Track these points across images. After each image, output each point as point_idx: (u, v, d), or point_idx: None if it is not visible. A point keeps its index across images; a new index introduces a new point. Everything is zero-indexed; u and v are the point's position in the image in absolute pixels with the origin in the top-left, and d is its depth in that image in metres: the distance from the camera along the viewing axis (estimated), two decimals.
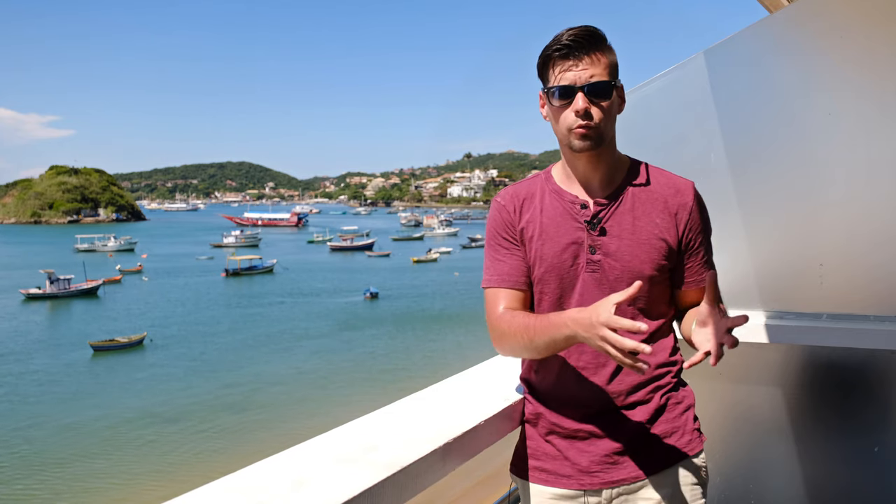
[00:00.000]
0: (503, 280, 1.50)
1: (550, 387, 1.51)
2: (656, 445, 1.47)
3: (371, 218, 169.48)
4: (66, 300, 44.07)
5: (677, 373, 1.54)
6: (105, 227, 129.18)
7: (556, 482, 1.49)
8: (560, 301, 1.47)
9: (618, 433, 1.46)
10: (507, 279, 1.50)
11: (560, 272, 1.45)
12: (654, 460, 1.47)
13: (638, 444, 1.46)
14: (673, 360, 1.52)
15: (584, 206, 1.46)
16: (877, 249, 1.96)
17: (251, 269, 56.54)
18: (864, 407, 1.98)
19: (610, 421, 1.46)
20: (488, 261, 1.54)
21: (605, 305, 1.22)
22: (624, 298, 1.21)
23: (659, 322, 1.49)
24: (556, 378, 1.50)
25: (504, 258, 1.51)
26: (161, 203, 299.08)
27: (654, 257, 1.44)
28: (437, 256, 67.79)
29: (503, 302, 1.48)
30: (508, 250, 1.51)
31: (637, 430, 1.46)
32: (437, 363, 25.42)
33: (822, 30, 2.02)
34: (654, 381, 1.47)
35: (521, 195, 1.53)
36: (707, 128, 2.19)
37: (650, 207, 1.46)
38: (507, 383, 1.72)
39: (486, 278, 1.53)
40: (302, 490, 1.12)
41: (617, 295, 1.22)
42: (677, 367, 1.54)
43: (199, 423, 20.65)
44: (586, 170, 1.46)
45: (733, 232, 2.15)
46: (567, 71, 1.38)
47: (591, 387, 1.46)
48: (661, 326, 1.50)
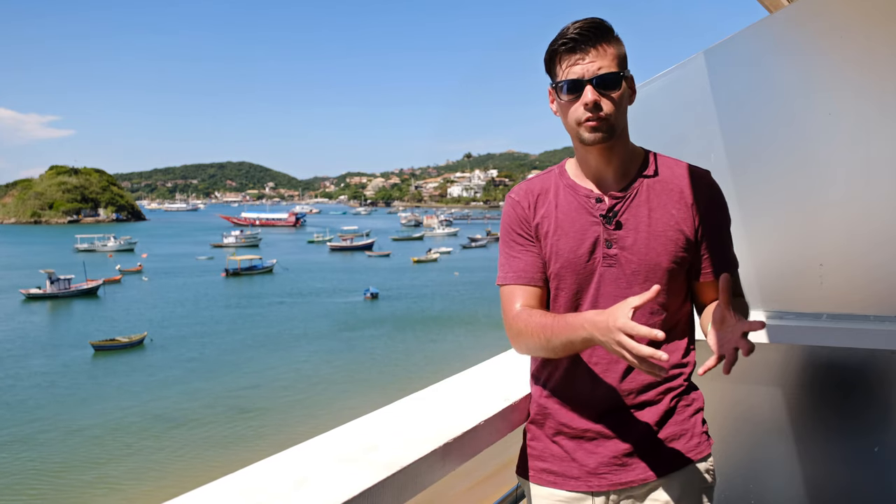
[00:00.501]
0: (519, 277, 1.48)
1: (561, 383, 1.49)
2: (664, 448, 1.46)
3: (371, 218, 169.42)
4: (67, 300, 44.06)
5: (689, 375, 1.52)
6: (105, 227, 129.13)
7: (565, 484, 1.48)
8: (577, 296, 1.45)
9: (626, 434, 1.44)
10: (523, 276, 1.48)
11: (577, 267, 1.44)
12: (662, 463, 1.45)
13: (646, 446, 1.44)
14: (685, 362, 1.50)
15: (600, 200, 1.44)
16: (877, 249, 1.96)
17: (251, 270, 56.57)
18: (864, 407, 1.98)
19: (619, 422, 1.44)
20: (503, 258, 1.52)
21: (623, 309, 1.20)
22: (642, 302, 1.19)
23: (675, 320, 1.47)
24: (568, 374, 1.48)
25: (519, 255, 1.49)
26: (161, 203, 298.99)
27: (671, 249, 1.42)
28: (438, 256, 67.81)
29: (520, 299, 1.47)
30: (523, 246, 1.50)
31: (645, 432, 1.44)
32: (437, 363, 25.40)
33: (822, 30, 2.02)
34: (665, 381, 1.45)
35: (535, 191, 1.51)
36: (707, 128, 2.19)
37: (666, 199, 1.44)
38: (508, 383, 1.72)
39: (501, 275, 1.51)
40: (302, 490, 1.12)
41: (635, 298, 1.20)
42: (689, 368, 1.52)
43: (199, 422, 20.64)
44: (599, 163, 1.45)
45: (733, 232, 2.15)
46: (574, 65, 1.37)
47: (602, 384, 1.45)
48: (676, 324, 1.48)
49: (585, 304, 1.45)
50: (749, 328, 1.20)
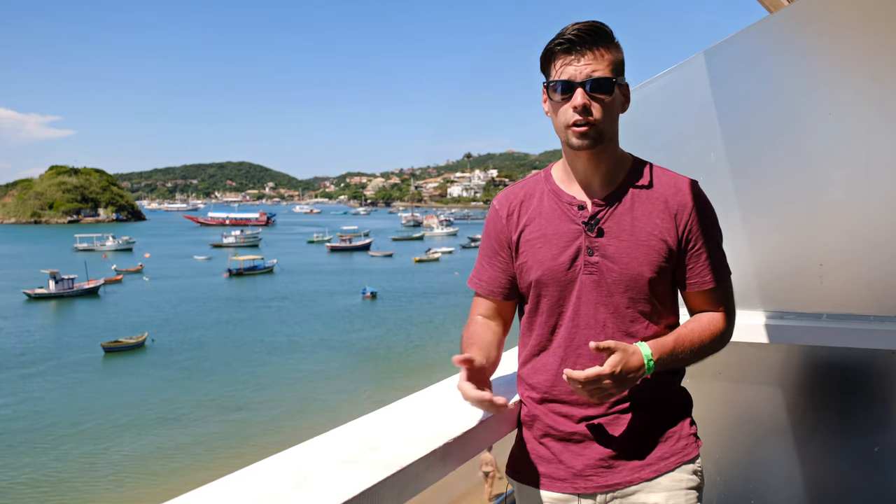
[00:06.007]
0: (481, 286, 1.56)
1: (547, 386, 1.50)
2: (652, 450, 1.45)
3: (371, 218, 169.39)
4: (69, 300, 44.10)
5: (676, 377, 1.52)
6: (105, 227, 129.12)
7: (551, 485, 1.48)
8: (559, 304, 1.46)
9: (613, 437, 1.44)
10: (485, 287, 1.55)
11: (557, 275, 1.44)
12: (649, 465, 1.45)
13: (633, 448, 1.44)
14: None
15: (582, 207, 1.44)
16: (877, 249, 1.96)
17: (253, 270, 56.66)
18: (864, 407, 1.98)
19: (605, 424, 1.44)
20: (477, 261, 1.59)
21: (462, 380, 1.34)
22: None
23: (660, 327, 1.46)
24: (553, 378, 1.48)
25: (487, 266, 1.55)
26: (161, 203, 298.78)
27: (653, 259, 1.41)
28: (439, 256, 67.85)
29: (479, 309, 1.58)
30: (492, 258, 1.54)
31: (632, 435, 1.44)
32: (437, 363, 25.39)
33: (822, 30, 2.02)
34: (651, 385, 1.44)
35: (519, 196, 1.52)
36: (707, 128, 2.19)
37: (650, 208, 1.43)
38: (507, 384, 1.72)
39: (471, 277, 1.60)
40: (302, 490, 1.12)
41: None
42: (678, 373, 1.52)
43: (198, 422, 20.65)
44: (587, 169, 1.44)
45: (733, 232, 2.15)
46: (568, 65, 1.36)
47: None
48: (661, 331, 1.46)
49: (567, 312, 1.45)
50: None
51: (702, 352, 1.45)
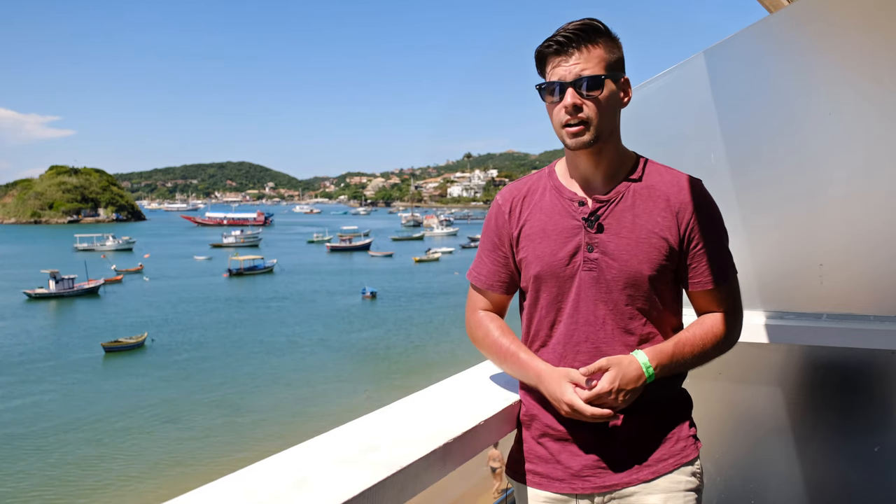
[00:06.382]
0: (481, 280, 1.57)
1: None
2: (650, 451, 1.45)
3: (371, 218, 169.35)
4: (70, 300, 44.08)
5: (677, 379, 1.51)
6: (105, 227, 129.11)
7: (549, 486, 1.48)
8: (557, 300, 1.46)
9: (611, 438, 1.43)
10: (486, 281, 1.56)
11: (556, 270, 1.44)
12: (648, 466, 1.44)
13: (631, 449, 1.44)
14: None
15: (583, 204, 1.44)
16: (877, 249, 1.96)
17: (253, 270, 56.67)
18: (864, 407, 1.98)
19: (604, 425, 1.43)
20: (477, 255, 1.59)
21: (568, 386, 1.36)
22: (586, 374, 1.35)
23: (661, 326, 1.45)
24: None
25: (487, 260, 1.55)
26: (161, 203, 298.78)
27: (653, 256, 1.40)
28: (439, 256, 67.84)
29: (480, 303, 1.59)
30: (493, 252, 1.54)
31: (631, 436, 1.44)
32: (437, 363, 25.39)
33: (822, 30, 2.02)
34: (651, 387, 1.42)
35: (522, 192, 1.53)
36: (707, 128, 2.19)
37: (652, 205, 1.43)
38: (507, 384, 1.72)
39: (470, 270, 1.60)
40: (302, 490, 1.12)
41: (577, 373, 1.37)
42: (679, 374, 1.51)
43: (199, 422, 20.65)
44: (587, 166, 1.44)
45: (733, 232, 2.14)
46: (557, 66, 1.37)
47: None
48: (663, 330, 1.46)
49: (566, 308, 1.45)
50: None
51: (705, 355, 1.45)
